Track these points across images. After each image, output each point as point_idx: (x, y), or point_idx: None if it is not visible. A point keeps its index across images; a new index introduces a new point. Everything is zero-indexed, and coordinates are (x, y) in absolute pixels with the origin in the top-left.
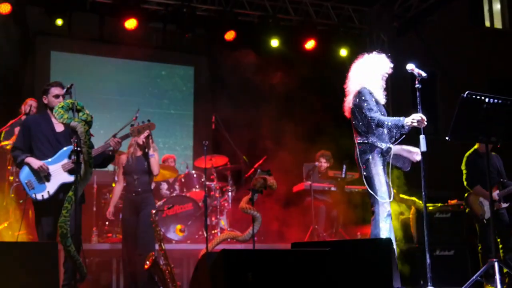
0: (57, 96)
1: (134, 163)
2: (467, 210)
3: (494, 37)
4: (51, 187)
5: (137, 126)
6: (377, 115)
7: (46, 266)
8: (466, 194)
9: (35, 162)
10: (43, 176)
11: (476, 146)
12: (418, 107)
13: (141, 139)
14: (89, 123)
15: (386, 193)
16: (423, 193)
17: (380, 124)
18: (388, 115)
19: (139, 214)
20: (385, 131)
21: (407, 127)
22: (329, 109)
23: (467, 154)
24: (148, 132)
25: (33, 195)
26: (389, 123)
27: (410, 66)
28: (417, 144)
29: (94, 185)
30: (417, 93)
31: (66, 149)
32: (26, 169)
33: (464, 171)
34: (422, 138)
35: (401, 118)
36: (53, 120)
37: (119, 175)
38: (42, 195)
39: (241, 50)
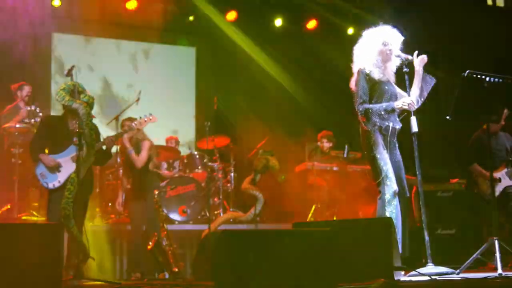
0: None
1: None
2: (475, 190)
3: (496, 15)
4: (61, 177)
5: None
6: (362, 106)
7: (50, 246)
8: (474, 174)
9: (47, 161)
10: (54, 168)
11: (485, 126)
12: (407, 90)
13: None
14: (91, 104)
15: (391, 172)
16: (417, 172)
17: (366, 113)
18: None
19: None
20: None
21: (398, 110)
22: (332, 88)
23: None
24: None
25: (45, 184)
26: (377, 110)
27: (396, 52)
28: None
29: (97, 167)
30: (405, 77)
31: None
32: (40, 164)
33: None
34: (413, 119)
35: (391, 102)
36: (68, 121)
37: None
38: (54, 184)
39: (243, 30)
